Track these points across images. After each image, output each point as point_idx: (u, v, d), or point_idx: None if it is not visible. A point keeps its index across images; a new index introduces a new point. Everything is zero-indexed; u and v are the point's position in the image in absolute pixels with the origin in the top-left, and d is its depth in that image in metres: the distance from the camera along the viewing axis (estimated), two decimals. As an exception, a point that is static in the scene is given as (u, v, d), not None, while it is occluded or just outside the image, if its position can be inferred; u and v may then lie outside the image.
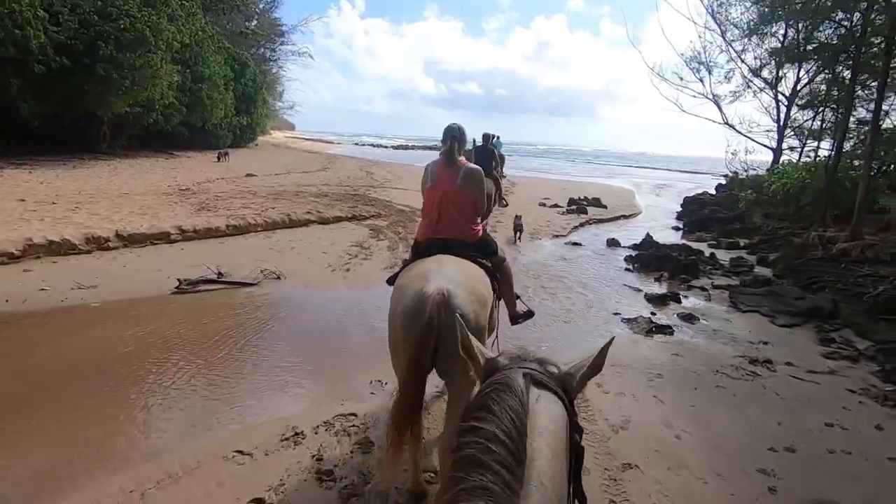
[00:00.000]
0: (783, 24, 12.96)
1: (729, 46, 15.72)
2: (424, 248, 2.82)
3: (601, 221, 12.83)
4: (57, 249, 6.48)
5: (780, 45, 13.74)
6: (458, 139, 2.90)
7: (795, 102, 14.40)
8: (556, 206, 14.22)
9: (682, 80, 17.21)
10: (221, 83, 23.13)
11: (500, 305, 3.15)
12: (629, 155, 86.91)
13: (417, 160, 31.82)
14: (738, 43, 15.41)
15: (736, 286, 6.90)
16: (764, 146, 16.00)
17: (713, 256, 8.58)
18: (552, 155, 69.96)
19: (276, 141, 47.89)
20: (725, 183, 18.27)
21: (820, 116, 12.90)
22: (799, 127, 14.75)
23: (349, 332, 4.85)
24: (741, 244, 9.97)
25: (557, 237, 10.22)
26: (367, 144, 67.12)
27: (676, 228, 12.66)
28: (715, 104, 16.94)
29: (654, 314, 5.76)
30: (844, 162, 10.17)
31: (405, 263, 2.92)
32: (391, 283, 2.77)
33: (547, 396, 0.97)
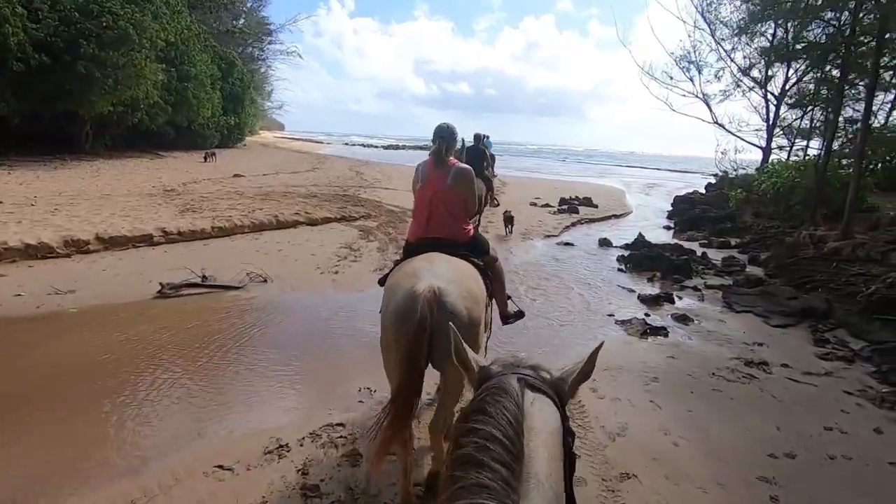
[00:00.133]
0: (772, 23, 13.02)
1: (719, 45, 15.80)
2: (415, 247, 2.79)
3: (592, 221, 12.79)
4: (34, 253, 6.26)
5: (769, 44, 13.80)
6: (446, 139, 2.88)
7: (784, 101, 14.48)
8: (547, 205, 14.17)
9: (671, 79, 17.26)
10: (208, 82, 22.79)
11: (491, 305, 3.10)
12: (619, 154, 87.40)
13: (408, 160, 31.66)
14: (727, 42, 15.50)
15: (729, 286, 6.86)
16: (753, 145, 16.10)
17: (705, 256, 8.54)
18: (542, 155, 70.11)
19: (264, 141, 47.46)
20: (715, 182, 18.35)
21: (809, 115, 12.98)
22: (788, 126, 14.83)
23: (337, 336, 4.71)
24: (732, 243, 9.96)
25: (549, 237, 10.14)
26: (357, 144, 66.81)
27: (667, 228, 12.65)
28: (705, 103, 17.01)
29: (648, 315, 5.69)
30: (833, 161, 10.21)
31: (396, 264, 2.89)
32: (382, 283, 2.75)
33: (541, 399, 0.98)
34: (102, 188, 11.10)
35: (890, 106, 12.19)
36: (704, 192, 17.93)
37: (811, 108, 12.65)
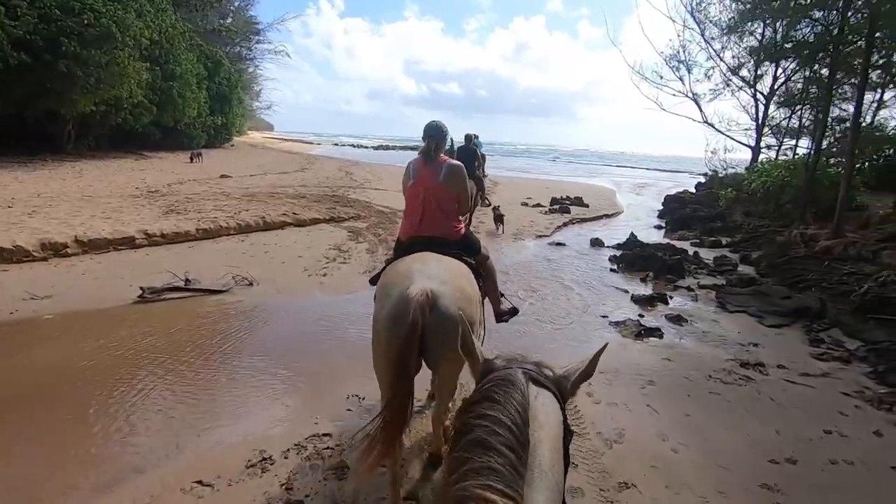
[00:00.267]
0: (761, 22, 13.07)
1: (708, 45, 15.85)
2: (407, 246, 2.77)
3: (584, 221, 12.74)
4: (9, 257, 6.03)
5: (758, 43, 13.85)
6: (435, 137, 2.86)
7: (773, 101, 14.55)
8: (538, 205, 14.11)
9: (661, 78, 17.30)
10: (194, 81, 22.43)
11: (484, 305, 3.03)
12: (608, 154, 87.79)
13: (398, 160, 31.48)
14: (717, 41, 15.56)
15: (722, 286, 6.81)
16: (743, 144, 16.17)
17: (697, 255, 8.52)
18: (532, 154, 70.25)
19: (253, 141, 46.99)
20: (705, 181, 18.42)
21: (798, 115, 13.04)
22: (777, 125, 14.92)
23: (324, 341, 4.56)
24: (723, 242, 9.95)
25: (541, 237, 10.06)
26: (347, 145, 66.47)
27: (659, 227, 12.63)
28: (694, 102, 17.06)
29: (642, 316, 5.61)
30: (822, 160, 10.25)
31: (387, 263, 2.83)
32: (374, 282, 2.75)
33: (545, 395, 1.00)
34: (84, 189, 10.82)
35: (877, 105, 12.30)
36: (694, 191, 17.98)
37: (800, 107, 12.72)
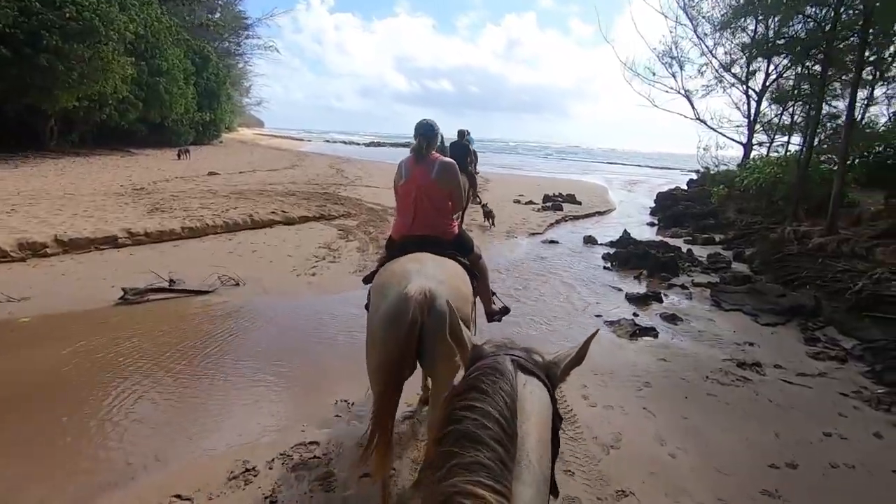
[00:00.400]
0: (753, 19, 13.05)
1: (701, 41, 15.83)
2: (400, 246, 2.72)
3: (577, 218, 12.68)
4: (-16, 257, 5.82)
5: (750, 40, 13.84)
6: (427, 136, 2.82)
7: (766, 97, 14.56)
8: (530, 202, 14.03)
9: (654, 75, 17.28)
10: (181, 77, 22.04)
11: (476, 305, 2.93)
12: (600, 151, 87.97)
13: (390, 157, 31.27)
14: (709, 38, 15.54)
15: (716, 284, 6.76)
16: (734, 141, 16.20)
17: (690, 253, 8.47)
18: (524, 151, 70.23)
19: (243, 138, 46.50)
20: (697, 178, 18.44)
21: (789, 111, 13.05)
22: (768, 122, 14.94)
23: (313, 344, 4.42)
24: (716, 240, 9.94)
25: (534, 235, 9.97)
26: (338, 141, 65.99)
27: (651, 224, 12.60)
28: (687, 99, 17.06)
29: (636, 315, 5.54)
30: (814, 157, 10.25)
31: (381, 262, 2.76)
32: (367, 281, 2.71)
33: (533, 382, 0.98)
34: (66, 187, 10.54)
35: (866, 102, 12.33)
36: (686, 188, 18.00)
37: (792, 104, 12.73)
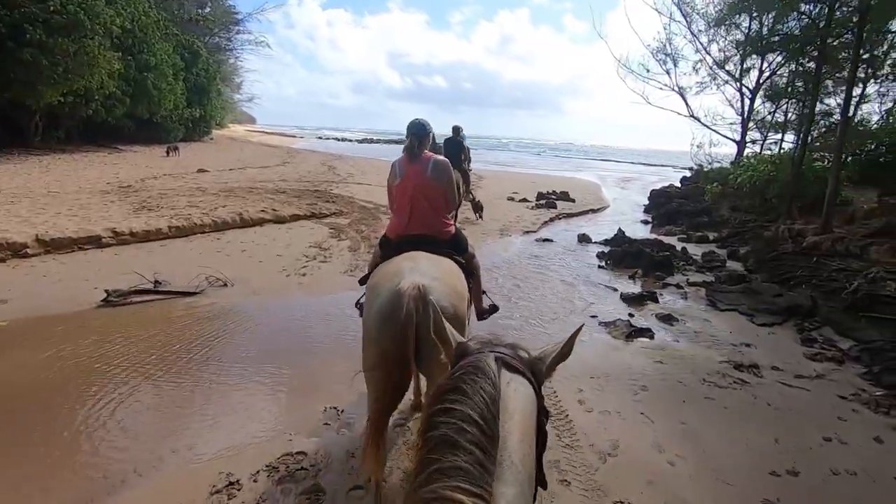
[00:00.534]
0: (747, 16, 13.01)
1: (695, 38, 15.78)
2: (396, 245, 2.72)
3: (571, 216, 12.61)
4: (-39, 258, 5.63)
5: (744, 37, 13.79)
6: (418, 135, 2.82)
7: (760, 94, 14.53)
8: (524, 200, 13.95)
9: (648, 71, 17.22)
10: (170, 72, 21.68)
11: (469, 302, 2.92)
12: (593, 149, 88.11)
13: (383, 154, 31.08)
14: (703, 35, 15.49)
15: (711, 283, 6.70)
16: (728, 139, 16.18)
17: (685, 251, 8.41)
18: (518, 148, 70.20)
19: (234, 134, 46.04)
20: (690, 176, 18.43)
21: (783, 109, 13.04)
22: (762, 120, 14.93)
23: (302, 348, 4.30)
24: (710, 238, 9.89)
25: (528, 233, 9.89)
26: (331, 138, 65.57)
27: (645, 222, 12.56)
28: (680, 96, 17.02)
29: (632, 316, 5.46)
30: (808, 154, 10.24)
31: (376, 262, 2.76)
32: (363, 282, 2.71)
33: (518, 380, 0.98)
34: (50, 185, 10.30)
35: (858, 99, 12.34)
36: (680, 185, 17.99)
37: (786, 101, 12.71)
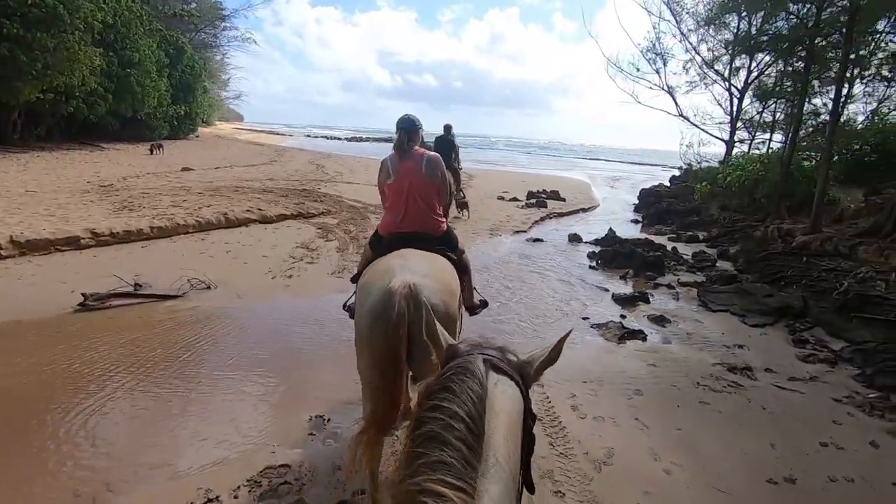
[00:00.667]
0: (736, 16, 13.05)
1: (685, 38, 15.82)
2: (387, 242, 2.71)
3: (561, 215, 12.57)
4: (-71, 261, 5.40)
5: (733, 36, 13.84)
6: (408, 130, 2.80)
7: (748, 94, 14.61)
8: (514, 199, 13.88)
9: (638, 70, 17.24)
10: (154, 69, 21.26)
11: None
12: (582, 148, 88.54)
13: (372, 153, 30.84)
14: (693, 34, 15.54)
15: (703, 283, 6.67)
16: (717, 138, 16.27)
17: (675, 251, 8.41)
18: (508, 147, 70.27)
19: (221, 132, 45.43)
20: (680, 175, 18.51)
21: (771, 108, 13.11)
22: (750, 119, 15.02)
23: (287, 354, 4.16)
24: (700, 237, 9.91)
25: (518, 233, 9.81)
26: (320, 136, 65.02)
27: (635, 221, 12.56)
28: (670, 95, 17.06)
29: (624, 317, 5.41)
30: (796, 154, 10.29)
31: (367, 261, 2.74)
32: (355, 280, 2.70)
33: (505, 381, 0.99)
34: (27, 183, 9.99)
35: (844, 99, 12.45)
36: (669, 184, 18.06)
37: (775, 101, 12.78)
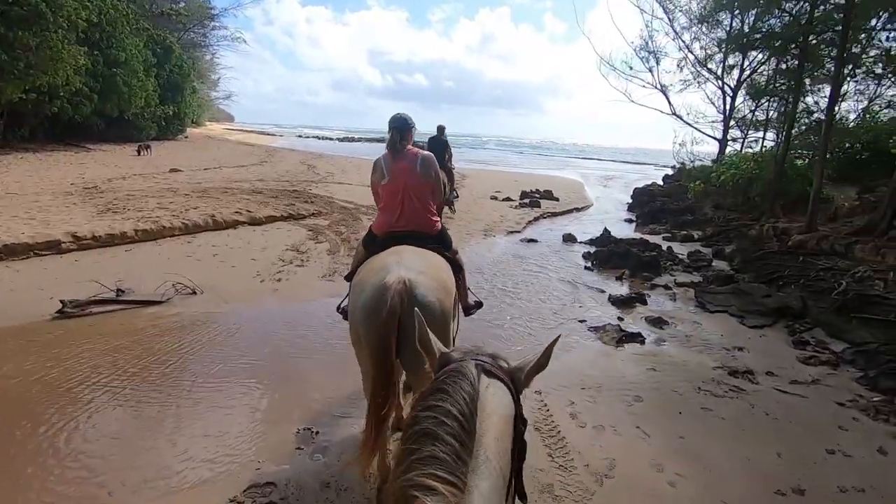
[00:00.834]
0: (729, 14, 13.03)
1: (678, 37, 15.79)
2: (381, 241, 2.71)
3: (555, 215, 12.47)
4: None
5: (726, 34, 13.82)
6: (400, 129, 2.78)
7: (741, 92, 14.60)
8: (507, 199, 13.76)
9: (631, 69, 17.19)
10: (141, 69, 20.91)
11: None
12: (574, 147, 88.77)
13: (364, 153, 30.62)
14: (686, 33, 15.52)
15: (700, 283, 6.59)
16: (710, 137, 16.26)
17: (671, 250, 8.32)
18: (499, 147, 70.23)
19: (211, 133, 44.93)
20: (673, 174, 18.50)
21: (764, 107, 13.10)
22: (742, 118, 15.02)
23: (274, 363, 3.99)
24: (695, 236, 9.85)
25: (512, 233, 9.69)
26: (311, 136, 64.53)
27: (629, 221, 12.49)
28: (663, 94, 17.03)
29: (621, 319, 5.30)
30: (790, 153, 10.27)
31: (361, 259, 2.71)
32: (349, 279, 2.69)
33: (496, 385, 1.02)
34: (8, 186, 9.72)
35: (839, 97, 12.46)
36: (662, 183, 18.04)
37: (768, 99, 12.77)
